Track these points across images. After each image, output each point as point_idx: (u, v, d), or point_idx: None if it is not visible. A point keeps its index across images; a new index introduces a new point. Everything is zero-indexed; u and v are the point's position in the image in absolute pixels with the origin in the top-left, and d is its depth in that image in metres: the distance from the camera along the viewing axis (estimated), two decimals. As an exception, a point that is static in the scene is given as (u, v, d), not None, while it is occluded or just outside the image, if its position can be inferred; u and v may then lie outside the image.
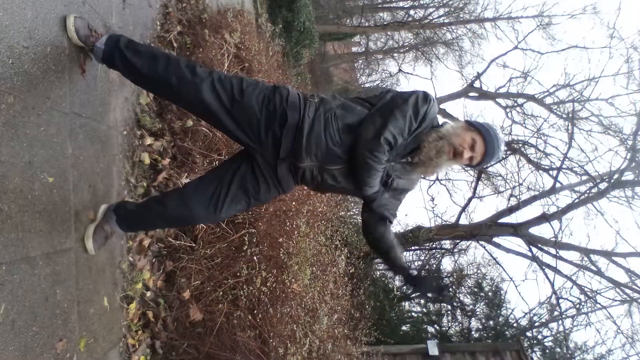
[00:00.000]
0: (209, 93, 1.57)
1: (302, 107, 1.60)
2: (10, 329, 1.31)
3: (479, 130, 1.70)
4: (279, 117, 1.59)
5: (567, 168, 10.04)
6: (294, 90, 1.67)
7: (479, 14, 16.05)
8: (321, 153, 1.61)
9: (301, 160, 1.62)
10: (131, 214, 1.78)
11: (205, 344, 2.42)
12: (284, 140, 1.59)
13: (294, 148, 1.60)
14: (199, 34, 3.26)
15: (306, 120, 1.59)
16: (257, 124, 1.59)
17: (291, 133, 1.59)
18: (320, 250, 3.90)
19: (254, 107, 1.58)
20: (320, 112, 1.61)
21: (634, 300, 8.92)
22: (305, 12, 9.52)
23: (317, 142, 1.59)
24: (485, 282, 10.47)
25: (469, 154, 1.68)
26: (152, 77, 1.63)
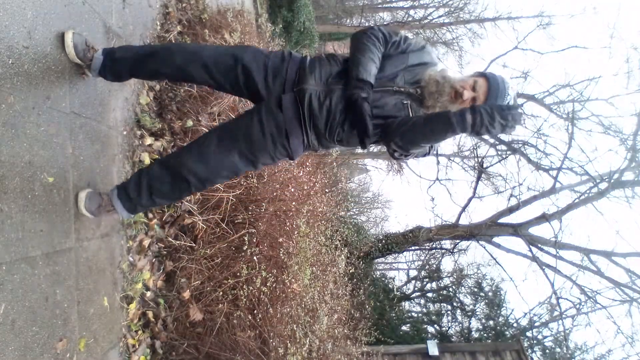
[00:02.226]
0: (209, 48, 1.67)
1: (291, 54, 1.74)
2: (10, 329, 1.31)
3: (484, 74, 1.70)
4: (280, 56, 1.70)
5: (567, 168, 10.04)
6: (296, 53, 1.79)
7: (479, 14, 16.06)
8: (325, 73, 1.66)
9: (305, 81, 1.64)
10: (139, 186, 1.67)
11: (205, 344, 2.42)
12: (289, 72, 1.66)
13: (299, 73, 1.66)
14: (199, 34, 3.26)
15: (307, 58, 1.72)
16: (264, 71, 1.66)
17: (295, 65, 1.68)
18: (320, 250, 3.90)
19: (260, 55, 1.68)
20: (322, 54, 1.75)
21: (634, 300, 8.92)
22: (305, 12, 9.52)
23: (320, 65, 1.68)
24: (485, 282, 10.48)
25: (470, 93, 1.64)
26: (148, 54, 1.71)
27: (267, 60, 1.68)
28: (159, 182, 1.67)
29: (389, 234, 10.37)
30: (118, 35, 2.14)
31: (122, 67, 1.73)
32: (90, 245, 1.81)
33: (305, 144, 1.70)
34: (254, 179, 3.02)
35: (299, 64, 1.69)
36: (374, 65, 1.61)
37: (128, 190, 1.69)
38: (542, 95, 12.42)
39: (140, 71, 1.79)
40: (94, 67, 1.68)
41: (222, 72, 1.68)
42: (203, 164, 1.63)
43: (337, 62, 1.70)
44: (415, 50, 1.73)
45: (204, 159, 1.63)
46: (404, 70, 1.69)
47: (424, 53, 1.75)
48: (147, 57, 1.73)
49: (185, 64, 1.69)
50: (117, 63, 1.70)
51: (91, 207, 1.69)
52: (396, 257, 13.15)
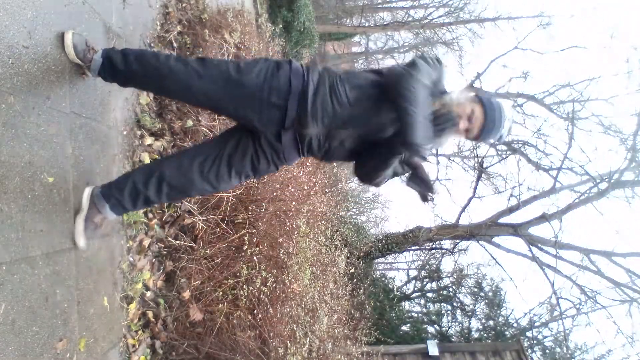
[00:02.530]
0: (204, 80, 1.56)
1: (305, 73, 1.57)
2: (10, 329, 1.31)
3: (483, 103, 1.65)
4: (284, 89, 1.55)
5: (567, 168, 10.04)
6: (296, 63, 1.63)
7: (479, 14, 16.06)
8: (328, 117, 1.56)
9: (307, 126, 1.57)
10: (123, 193, 1.66)
11: (205, 344, 2.42)
12: (290, 108, 1.55)
13: (299, 114, 1.55)
14: (199, 34, 3.26)
15: (310, 84, 1.55)
16: (259, 101, 1.56)
17: (295, 99, 1.54)
18: (320, 250, 3.90)
19: (254, 85, 1.55)
20: (325, 77, 1.58)
21: (634, 300, 8.93)
22: (305, 12, 9.52)
23: (323, 105, 1.55)
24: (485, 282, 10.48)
25: (465, 124, 1.63)
26: (143, 76, 1.65)
27: (263, 95, 1.55)
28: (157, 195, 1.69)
29: (389, 234, 10.38)
30: (118, 35, 2.14)
31: (119, 75, 1.71)
32: (91, 245, 1.81)
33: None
34: (254, 179, 3.02)
35: (299, 99, 1.55)
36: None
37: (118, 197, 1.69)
38: (542, 95, 12.43)
39: (136, 86, 1.87)
40: (93, 67, 1.68)
41: (215, 106, 1.70)
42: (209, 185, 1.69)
43: (340, 101, 1.57)
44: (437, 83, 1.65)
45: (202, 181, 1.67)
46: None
47: (436, 82, 1.65)
48: (140, 77, 1.71)
49: (177, 95, 1.77)
50: (114, 69, 1.68)
51: (88, 238, 1.70)
52: (396, 257, 13.16)
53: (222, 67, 1.58)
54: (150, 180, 1.64)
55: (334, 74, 1.61)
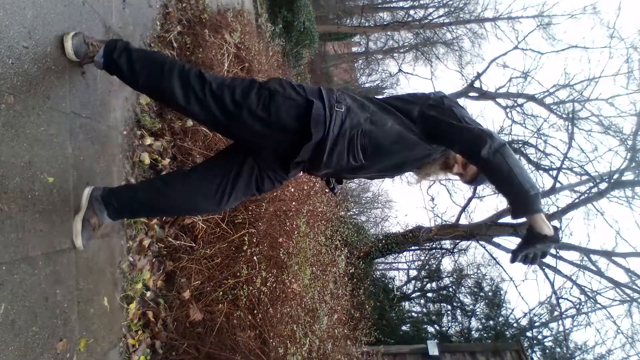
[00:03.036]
0: (204, 109, 1.52)
1: (327, 121, 1.45)
2: (10, 329, 1.31)
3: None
4: (298, 128, 1.47)
5: (567, 168, 10.06)
6: (315, 97, 1.49)
7: (479, 14, 16.08)
8: (341, 168, 1.55)
9: (318, 171, 1.59)
10: (124, 205, 1.67)
11: (205, 344, 2.42)
12: (303, 153, 1.50)
13: (313, 161, 1.54)
14: (199, 34, 3.26)
15: (330, 137, 1.45)
16: (254, 134, 1.52)
17: (311, 148, 1.48)
18: (320, 250, 3.90)
19: (248, 119, 1.50)
20: (346, 128, 1.47)
21: (634, 300, 8.93)
22: (305, 12, 9.52)
23: (338, 159, 1.51)
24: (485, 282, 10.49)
25: (458, 169, 1.64)
26: (151, 88, 1.62)
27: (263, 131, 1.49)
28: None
29: (389, 234, 10.38)
30: (118, 35, 2.14)
31: (122, 79, 1.70)
32: (90, 245, 1.81)
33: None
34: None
35: (315, 148, 1.48)
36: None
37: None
38: (542, 95, 12.43)
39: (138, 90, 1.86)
40: (96, 66, 1.67)
41: (218, 132, 1.75)
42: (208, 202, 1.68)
43: (357, 158, 1.50)
44: None
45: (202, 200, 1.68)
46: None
47: None
48: (143, 89, 1.70)
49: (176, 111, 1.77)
50: (120, 73, 1.66)
51: (85, 239, 1.68)
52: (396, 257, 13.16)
53: (218, 94, 1.51)
54: (155, 206, 1.68)
55: (358, 124, 1.48)
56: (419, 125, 1.52)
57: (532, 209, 1.29)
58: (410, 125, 1.52)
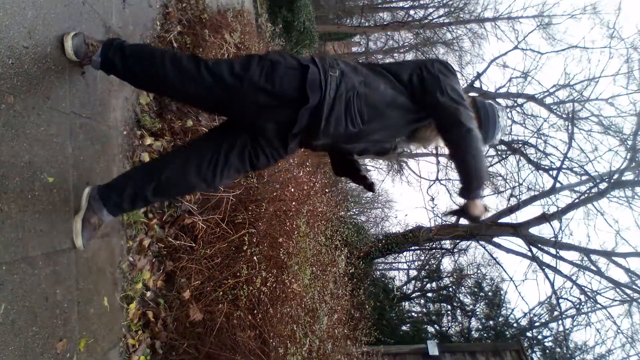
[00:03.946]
0: (199, 86, 1.51)
1: (322, 85, 1.46)
2: (10, 329, 1.31)
3: (479, 114, 1.65)
4: (284, 99, 1.47)
5: (567, 168, 10.06)
6: (309, 62, 1.50)
7: (479, 14, 16.06)
8: (339, 134, 1.52)
9: (316, 139, 1.55)
10: (122, 195, 1.64)
11: (205, 344, 2.42)
12: (300, 120, 1.49)
13: (310, 128, 1.51)
14: (199, 34, 3.26)
15: (326, 101, 1.46)
16: (257, 107, 1.50)
17: (308, 112, 1.47)
18: (320, 250, 3.90)
19: (250, 92, 1.49)
20: (342, 91, 1.47)
21: (634, 300, 8.93)
22: (305, 12, 9.53)
23: (336, 124, 1.49)
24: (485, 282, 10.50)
25: None
26: (146, 79, 1.64)
27: (259, 100, 1.49)
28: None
29: (389, 234, 10.39)
30: (118, 35, 2.14)
31: (118, 75, 1.71)
32: (90, 245, 1.81)
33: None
34: (254, 179, 3.02)
35: (313, 113, 1.48)
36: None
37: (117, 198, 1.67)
38: (542, 95, 12.43)
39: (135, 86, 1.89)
40: (93, 66, 1.68)
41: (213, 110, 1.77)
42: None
43: (355, 122, 1.51)
44: None
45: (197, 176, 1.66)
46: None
47: None
48: (138, 81, 1.71)
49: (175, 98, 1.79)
50: (114, 70, 1.66)
51: (85, 239, 1.67)
52: (396, 257, 13.17)
53: (216, 70, 1.51)
54: (150, 183, 1.64)
55: (352, 87, 1.50)
56: (408, 89, 1.55)
57: (475, 195, 1.51)
58: (401, 88, 1.55)
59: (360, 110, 1.50)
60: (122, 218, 2.12)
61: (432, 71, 1.55)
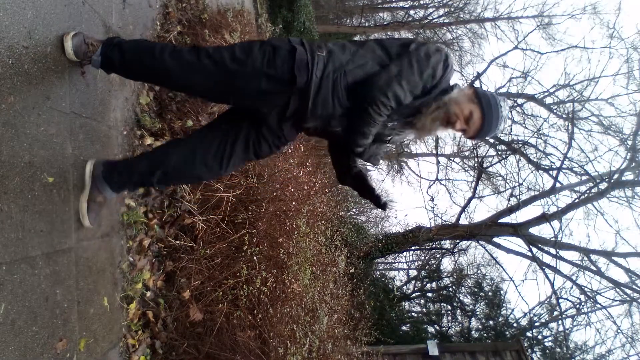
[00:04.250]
0: (200, 74, 1.54)
1: (309, 65, 1.48)
2: (10, 329, 1.31)
3: (482, 104, 1.61)
4: (284, 78, 1.49)
5: (567, 168, 10.06)
6: (298, 44, 1.53)
7: (479, 14, 16.07)
8: (327, 114, 1.55)
9: (306, 122, 1.59)
10: (125, 178, 1.70)
11: (205, 344, 2.42)
12: (291, 103, 1.53)
13: (300, 110, 1.54)
14: (199, 34, 3.26)
15: (313, 81, 1.48)
16: (257, 92, 1.53)
17: (297, 95, 1.51)
18: (320, 250, 3.90)
19: (251, 76, 1.50)
20: (329, 71, 1.50)
21: (634, 300, 8.93)
22: (305, 12, 9.53)
23: (323, 104, 1.52)
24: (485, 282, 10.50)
25: (461, 125, 1.62)
26: (146, 73, 1.67)
27: (261, 86, 1.51)
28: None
29: (389, 234, 10.39)
30: (118, 35, 2.14)
31: (119, 72, 1.73)
32: (90, 245, 1.81)
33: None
34: (254, 179, 3.02)
35: (301, 95, 1.51)
36: (373, 132, 1.57)
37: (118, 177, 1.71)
38: (542, 95, 12.43)
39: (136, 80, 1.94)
40: (94, 65, 1.68)
41: (214, 98, 1.80)
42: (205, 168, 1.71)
43: (341, 102, 1.53)
44: (437, 86, 1.58)
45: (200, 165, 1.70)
46: (404, 107, 1.58)
47: (440, 84, 1.59)
48: (139, 75, 1.76)
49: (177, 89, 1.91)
50: (114, 67, 1.68)
51: (92, 219, 1.71)
52: (396, 257, 13.18)
53: (217, 57, 1.53)
54: (155, 171, 1.68)
55: (340, 66, 1.51)
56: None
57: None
58: (388, 63, 1.54)
59: (347, 86, 1.51)
60: (122, 218, 2.13)
61: (411, 48, 1.54)
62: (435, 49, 1.55)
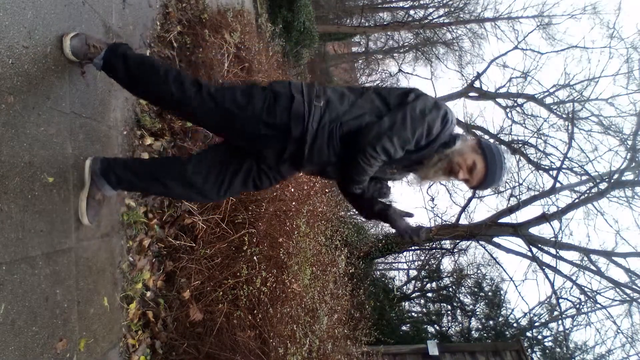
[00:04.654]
0: (200, 109, 1.56)
1: (306, 116, 1.50)
2: (10, 329, 1.31)
3: (485, 155, 1.60)
4: (282, 129, 1.52)
5: (567, 168, 10.06)
6: (297, 92, 1.53)
7: (479, 14, 16.07)
8: (322, 161, 1.60)
9: (302, 166, 1.65)
10: (125, 180, 1.71)
11: (205, 344, 2.42)
12: (288, 149, 1.56)
13: (296, 156, 1.59)
14: (199, 34, 3.26)
15: (309, 132, 1.50)
16: (256, 137, 1.55)
17: (294, 143, 1.54)
18: (320, 250, 3.90)
19: (250, 122, 1.53)
20: (325, 122, 1.51)
21: (634, 300, 8.93)
22: (305, 12, 9.53)
23: (319, 154, 1.56)
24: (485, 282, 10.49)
25: (464, 175, 1.60)
26: (148, 92, 1.68)
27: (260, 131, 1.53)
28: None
29: (389, 234, 10.37)
30: (118, 35, 2.14)
31: (120, 82, 1.72)
32: (90, 245, 1.81)
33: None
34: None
35: (298, 144, 1.54)
36: (367, 179, 1.60)
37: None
38: (542, 95, 12.43)
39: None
40: (95, 67, 1.68)
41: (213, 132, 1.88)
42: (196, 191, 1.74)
43: (336, 152, 1.55)
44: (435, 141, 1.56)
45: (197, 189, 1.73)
46: (405, 159, 1.59)
47: (439, 138, 1.57)
48: (141, 92, 1.77)
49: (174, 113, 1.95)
50: (116, 77, 1.68)
51: (91, 216, 1.72)
52: (396, 257, 13.16)
53: (218, 98, 1.54)
54: (153, 187, 1.74)
55: (336, 118, 1.52)
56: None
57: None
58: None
59: (343, 139, 1.53)
60: (122, 218, 2.13)
61: (409, 98, 1.53)
62: (433, 104, 1.52)
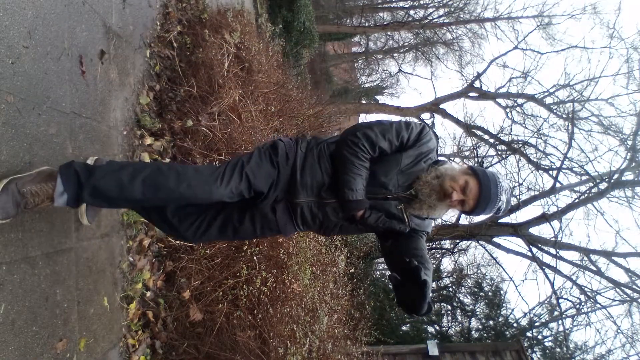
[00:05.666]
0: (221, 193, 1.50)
1: (295, 145, 1.65)
2: (10, 329, 1.31)
3: (477, 175, 1.59)
4: (278, 167, 1.59)
5: (567, 168, 10.06)
6: (286, 138, 1.69)
7: (479, 14, 16.07)
8: (317, 184, 1.58)
9: (297, 195, 1.58)
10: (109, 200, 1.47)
11: (205, 344, 2.42)
12: (281, 179, 1.58)
13: (290, 182, 1.59)
14: (199, 34, 3.26)
15: (299, 154, 1.62)
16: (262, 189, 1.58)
17: (287, 171, 1.59)
18: (320, 250, 3.91)
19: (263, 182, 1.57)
20: (313, 145, 1.66)
21: (634, 300, 8.93)
22: (305, 12, 9.52)
23: (312, 173, 1.59)
24: (485, 282, 10.48)
25: (458, 196, 1.57)
26: (148, 196, 1.45)
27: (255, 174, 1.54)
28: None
29: (389, 234, 10.33)
30: (118, 35, 2.14)
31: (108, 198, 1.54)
32: (90, 245, 1.81)
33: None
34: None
35: (292, 170, 1.59)
36: (360, 180, 1.55)
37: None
38: (542, 95, 12.43)
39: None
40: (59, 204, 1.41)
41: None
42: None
43: (329, 171, 1.59)
44: (413, 145, 1.61)
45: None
46: (397, 174, 1.60)
47: (422, 144, 1.62)
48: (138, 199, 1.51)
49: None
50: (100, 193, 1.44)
51: (90, 217, 1.71)
52: (396, 257, 13.11)
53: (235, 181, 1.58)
54: (139, 209, 1.73)
55: (323, 141, 1.67)
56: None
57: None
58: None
59: (333, 155, 1.61)
60: (122, 218, 2.12)
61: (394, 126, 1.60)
62: (408, 121, 1.64)
